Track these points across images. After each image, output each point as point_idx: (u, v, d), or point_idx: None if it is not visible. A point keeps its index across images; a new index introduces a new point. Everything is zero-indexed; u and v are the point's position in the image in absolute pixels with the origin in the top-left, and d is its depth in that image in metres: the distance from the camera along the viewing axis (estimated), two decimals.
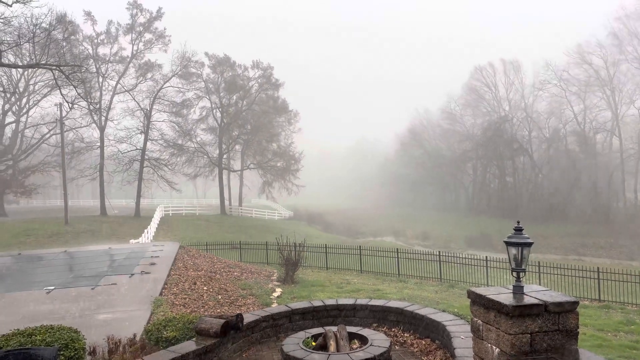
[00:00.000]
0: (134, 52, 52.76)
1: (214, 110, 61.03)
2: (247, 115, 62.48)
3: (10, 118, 53.34)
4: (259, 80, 64.51)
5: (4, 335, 8.32)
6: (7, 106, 51.43)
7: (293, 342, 8.53)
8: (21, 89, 52.26)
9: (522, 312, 5.03)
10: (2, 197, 51.27)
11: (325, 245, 25.04)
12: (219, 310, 12.70)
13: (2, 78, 46.41)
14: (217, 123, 61.06)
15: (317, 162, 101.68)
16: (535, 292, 5.47)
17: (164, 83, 53.20)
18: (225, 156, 63.02)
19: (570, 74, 64.82)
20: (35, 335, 8.11)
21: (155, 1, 53.70)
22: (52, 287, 14.56)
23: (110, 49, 52.34)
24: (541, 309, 5.07)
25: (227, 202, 63.23)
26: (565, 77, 65.24)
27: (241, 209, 66.14)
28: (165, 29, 53.93)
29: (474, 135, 77.94)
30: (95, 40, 51.32)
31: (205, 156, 60.25)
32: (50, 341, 7.92)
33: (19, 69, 44.73)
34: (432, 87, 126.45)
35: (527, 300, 5.18)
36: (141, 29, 52.72)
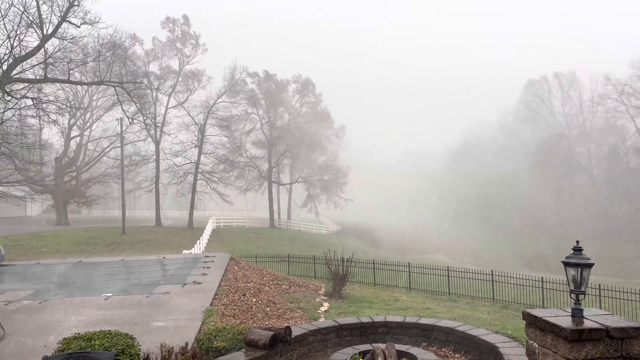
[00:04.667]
0: (181, 66, 55.25)
1: (262, 125, 62.40)
2: (292, 129, 63.59)
3: (75, 132, 56.58)
4: (301, 93, 66.39)
5: (65, 338, 8.74)
6: (72, 121, 54.56)
7: (341, 358, 8.51)
8: (85, 105, 55.37)
9: (581, 336, 4.81)
10: (66, 207, 54.18)
11: (373, 260, 24.78)
12: (267, 323, 12.82)
13: (69, 94, 49.43)
14: (265, 137, 62.28)
15: (363, 175, 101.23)
16: (596, 315, 5.23)
17: (217, 98, 54.90)
18: (274, 170, 64.05)
19: (633, 87, 61.88)
20: (94, 340, 8.46)
21: (179, 10, 56.61)
22: (110, 294, 15.17)
23: (160, 65, 54.97)
24: (602, 334, 4.84)
25: (275, 215, 64.07)
26: (628, 91, 62.30)
27: (289, 222, 66.80)
28: (197, 33, 56.45)
29: (530, 151, 75.51)
30: (146, 58, 54.07)
31: (256, 170, 61.47)
32: (108, 346, 8.24)
33: (84, 86, 47.43)
34: (484, 98, 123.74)
35: (587, 324, 4.96)
36: (175, 40, 55.34)
